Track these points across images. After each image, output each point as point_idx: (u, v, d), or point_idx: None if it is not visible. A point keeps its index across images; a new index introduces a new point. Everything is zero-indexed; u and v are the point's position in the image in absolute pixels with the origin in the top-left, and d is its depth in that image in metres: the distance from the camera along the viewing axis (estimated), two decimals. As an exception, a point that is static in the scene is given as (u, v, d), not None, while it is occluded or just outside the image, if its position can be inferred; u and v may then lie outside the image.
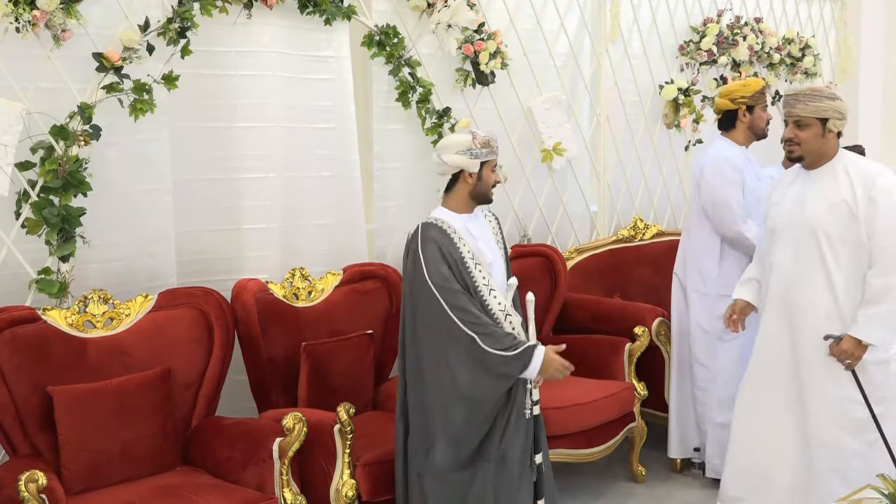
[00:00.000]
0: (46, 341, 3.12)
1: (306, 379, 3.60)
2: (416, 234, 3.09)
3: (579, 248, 5.08)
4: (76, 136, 3.24)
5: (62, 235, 3.24)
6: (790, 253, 3.35)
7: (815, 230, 3.27)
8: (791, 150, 3.35)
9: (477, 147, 3.09)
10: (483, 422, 3.02)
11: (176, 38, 3.46)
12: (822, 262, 3.27)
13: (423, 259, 3.01)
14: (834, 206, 3.25)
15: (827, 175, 3.31)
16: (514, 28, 4.75)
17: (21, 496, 2.63)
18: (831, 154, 3.33)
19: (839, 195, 3.25)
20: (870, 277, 3.20)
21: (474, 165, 3.09)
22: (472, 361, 2.96)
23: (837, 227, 3.24)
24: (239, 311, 3.56)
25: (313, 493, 3.23)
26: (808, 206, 3.31)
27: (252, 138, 3.83)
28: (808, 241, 3.29)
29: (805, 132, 3.29)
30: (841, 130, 3.33)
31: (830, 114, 3.26)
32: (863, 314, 3.21)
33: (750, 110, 4.16)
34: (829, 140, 3.30)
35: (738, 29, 5.93)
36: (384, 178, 4.33)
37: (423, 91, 4.27)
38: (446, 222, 3.09)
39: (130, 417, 3.13)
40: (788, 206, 3.39)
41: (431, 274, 2.99)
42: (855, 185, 3.24)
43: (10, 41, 3.11)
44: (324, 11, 3.90)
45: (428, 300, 2.99)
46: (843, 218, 3.23)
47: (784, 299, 3.37)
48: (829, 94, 3.30)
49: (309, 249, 4.03)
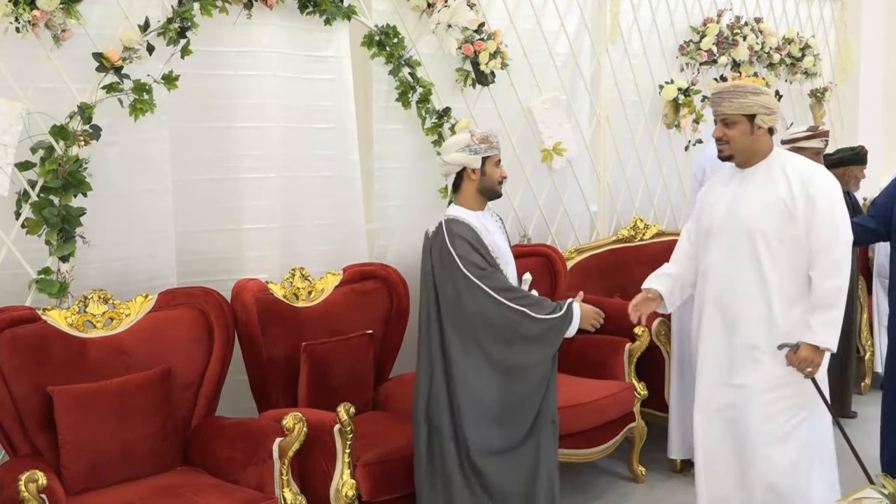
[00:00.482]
0: (46, 341, 3.12)
1: (306, 379, 3.60)
2: (441, 231, 3.15)
3: (579, 248, 5.08)
4: (76, 136, 3.24)
5: (62, 235, 3.24)
6: (725, 255, 3.21)
7: (751, 231, 3.13)
8: (721, 150, 3.24)
9: (475, 143, 3.18)
10: (535, 391, 3.14)
11: (176, 38, 3.46)
12: (757, 263, 3.13)
13: (454, 255, 3.08)
14: (770, 205, 3.12)
15: (762, 174, 3.19)
16: (514, 28, 4.75)
17: (21, 496, 2.62)
18: (765, 152, 3.21)
19: (776, 194, 3.13)
20: (817, 279, 3.07)
21: (475, 161, 3.19)
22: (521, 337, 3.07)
23: (774, 227, 3.11)
24: (239, 311, 3.56)
25: (313, 493, 3.23)
26: (743, 207, 3.18)
27: (252, 138, 3.83)
28: (744, 243, 3.15)
29: (733, 130, 3.17)
30: (773, 127, 3.21)
31: (757, 109, 3.14)
32: (817, 319, 3.06)
33: None
34: (760, 137, 3.18)
35: (738, 29, 5.93)
36: (384, 178, 4.33)
37: (423, 91, 4.27)
38: (466, 219, 3.17)
39: (130, 417, 3.13)
40: (724, 208, 3.24)
41: (468, 266, 3.07)
42: (792, 184, 3.11)
43: (10, 41, 3.11)
44: (324, 11, 3.90)
45: (468, 292, 3.06)
46: (780, 217, 3.10)
47: (719, 303, 3.23)
48: (753, 90, 3.18)
49: (309, 249, 4.03)
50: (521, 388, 3.14)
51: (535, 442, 3.18)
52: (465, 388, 3.11)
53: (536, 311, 3.08)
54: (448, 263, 3.09)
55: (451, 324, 3.12)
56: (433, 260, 3.16)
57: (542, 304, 3.12)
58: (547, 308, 3.11)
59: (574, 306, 3.15)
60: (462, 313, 3.09)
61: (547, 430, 3.21)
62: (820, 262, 3.07)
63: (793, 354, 3.08)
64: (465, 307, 3.08)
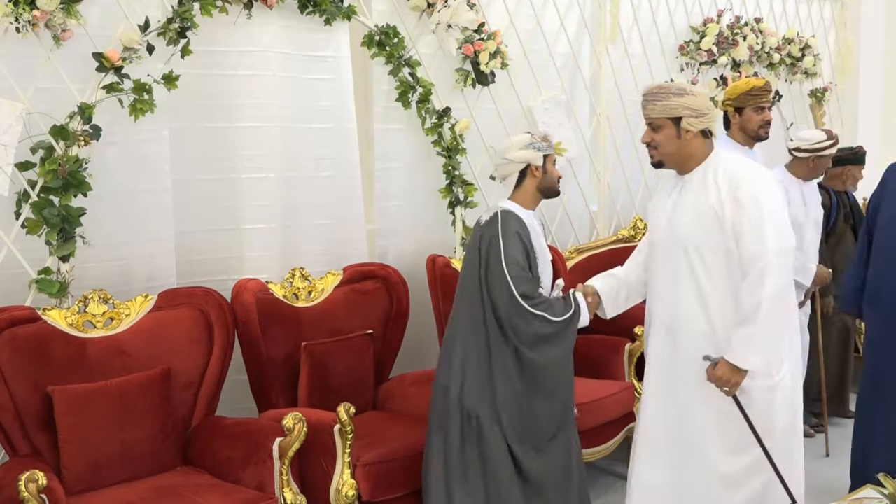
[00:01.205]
0: (46, 341, 3.12)
1: (306, 379, 3.60)
2: (496, 221, 3.20)
3: (579, 248, 5.08)
4: (76, 136, 3.24)
5: (62, 235, 3.24)
6: (663, 272, 3.04)
7: (684, 245, 2.94)
8: (650, 155, 3.06)
9: (538, 140, 3.28)
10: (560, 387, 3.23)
11: (176, 38, 3.46)
12: (695, 278, 2.92)
13: (501, 247, 3.13)
14: (701, 215, 2.91)
15: (697, 181, 2.96)
16: (514, 28, 4.74)
17: (21, 496, 2.62)
18: (700, 156, 2.98)
19: (707, 202, 2.90)
20: (741, 292, 2.83)
21: (539, 158, 3.27)
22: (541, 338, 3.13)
23: (707, 239, 2.89)
24: (239, 311, 3.56)
25: (313, 493, 3.23)
26: (679, 219, 2.98)
27: (252, 138, 3.83)
28: (680, 258, 2.95)
29: (659, 134, 2.97)
30: (707, 129, 2.96)
31: (682, 112, 2.91)
32: (736, 336, 2.82)
33: (739, 112, 4.16)
34: (691, 141, 2.95)
35: (738, 29, 5.93)
36: (385, 178, 4.33)
37: (423, 91, 4.27)
38: (521, 216, 3.24)
39: (130, 417, 3.13)
40: (665, 220, 3.05)
41: (508, 261, 3.12)
42: (721, 189, 2.89)
43: (10, 41, 3.11)
44: (324, 11, 3.90)
45: (499, 290, 3.11)
46: (711, 226, 2.88)
47: (664, 323, 3.03)
48: (677, 91, 2.95)
49: (309, 249, 4.03)
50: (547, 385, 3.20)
51: (565, 435, 3.25)
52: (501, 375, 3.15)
53: (553, 313, 3.14)
54: (494, 253, 3.14)
55: (492, 313, 3.16)
56: (482, 246, 3.19)
57: (557, 305, 3.18)
58: (563, 309, 3.17)
59: (578, 296, 3.22)
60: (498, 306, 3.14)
61: (572, 427, 3.31)
62: (747, 274, 2.83)
63: (711, 370, 2.86)
64: (498, 302, 3.13)
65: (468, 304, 3.21)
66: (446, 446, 3.19)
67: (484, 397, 3.15)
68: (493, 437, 3.14)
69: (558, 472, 3.23)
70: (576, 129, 5.09)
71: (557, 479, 3.23)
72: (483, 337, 3.17)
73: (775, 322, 2.87)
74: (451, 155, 4.38)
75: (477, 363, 3.17)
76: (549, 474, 3.21)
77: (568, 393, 3.29)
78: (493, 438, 3.14)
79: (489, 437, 3.14)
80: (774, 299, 2.82)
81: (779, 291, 2.84)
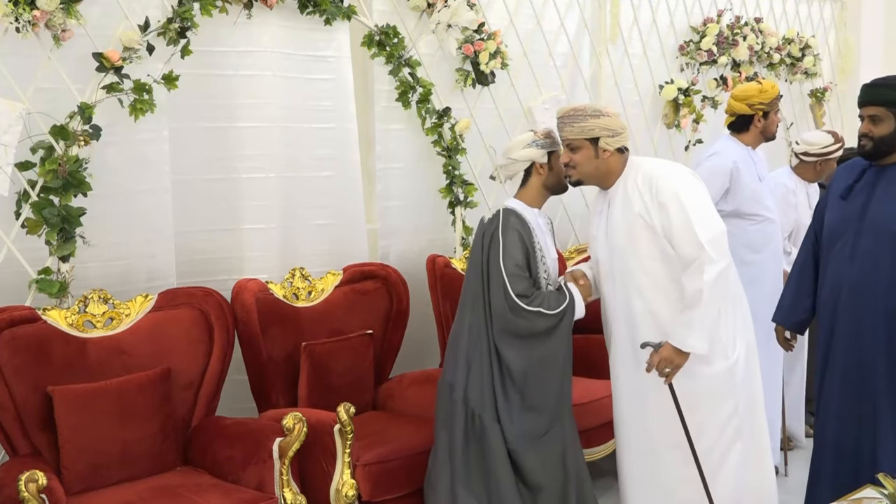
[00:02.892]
0: (46, 341, 3.12)
1: (306, 379, 3.60)
2: (497, 219, 3.22)
3: (579, 248, 5.08)
4: (76, 136, 3.24)
5: (62, 235, 3.24)
6: (612, 288, 3.15)
7: (623, 257, 3.06)
8: (568, 175, 3.17)
9: (541, 138, 3.27)
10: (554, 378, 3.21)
11: (176, 38, 3.46)
12: (640, 288, 3.05)
13: (501, 245, 3.14)
14: (631, 225, 3.03)
15: (620, 194, 3.09)
16: (514, 28, 4.75)
17: (21, 496, 2.62)
18: (618, 170, 3.12)
19: (633, 210, 3.03)
20: (684, 281, 2.96)
21: (543, 156, 3.26)
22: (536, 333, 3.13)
23: (642, 247, 3.02)
24: (239, 311, 3.56)
25: (313, 493, 3.23)
26: (611, 233, 3.10)
27: (252, 138, 3.83)
28: (622, 270, 3.08)
29: (578, 155, 3.09)
30: (623, 146, 3.09)
31: (599, 132, 3.04)
32: (679, 321, 2.96)
33: (765, 116, 4.15)
34: (608, 160, 3.09)
35: (738, 29, 5.94)
36: (386, 179, 4.33)
37: (423, 91, 4.27)
38: (523, 215, 3.23)
39: (130, 417, 3.13)
40: (602, 239, 3.17)
41: (507, 259, 3.13)
42: (643, 195, 3.01)
43: (10, 41, 3.11)
44: (324, 11, 3.90)
45: (496, 288, 3.12)
46: (642, 234, 3.01)
47: (622, 336, 3.14)
48: (592, 112, 3.06)
49: (309, 249, 4.03)
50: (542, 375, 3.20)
51: (559, 430, 3.24)
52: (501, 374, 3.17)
53: (548, 306, 3.14)
54: (494, 251, 3.16)
55: (493, 308, 3.18)
56: (484, 244, 3.21)
57: (552, 297, 3.17)
58: (558, 301, 3.17)
59: (572, 287, 3.23)
60: (493, 304, 3.16)
61: (569, 418, 3.29)
62: (686, 267, 2.96)
63: (654, 354, 2.97)
64: (493, 300, 3.15)
65: (472, 300, 3.22)
66: (451, 445, 3.20)
67: (486, 396, 3.16)
68: (494, 437, 3.15)
69: (552, 467, 3.22)
70: (576, 129, 5.09)
71: (551, 475, 3.22)
72: (486, 334, 3.18)
73: (717, 304, 2.98)
74: (451, 155, 4.38)
75: (479, 361, 3.18)
76: (542, 470, 3.20)
77: (562, 388, 3.26)
78: (494, 438, 3.15)
79: (491, 436, 3.15)
80: (714, 284, 2.93)
81: (717, 276, 2.94)
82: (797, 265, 3.50)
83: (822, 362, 3.29)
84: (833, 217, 3.29)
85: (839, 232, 3.23)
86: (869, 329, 3.11)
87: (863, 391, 3.14)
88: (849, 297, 3.15)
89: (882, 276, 3.08)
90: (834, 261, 3.23)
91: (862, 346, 3.13)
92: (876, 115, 3.12)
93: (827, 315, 3.26)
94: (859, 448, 3.15)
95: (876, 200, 3.15)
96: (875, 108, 3.12)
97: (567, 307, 3.17)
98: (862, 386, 3.14)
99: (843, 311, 3.17)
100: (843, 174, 3.34)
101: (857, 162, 3.32)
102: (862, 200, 3.19)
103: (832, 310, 3.22)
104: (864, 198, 3.19)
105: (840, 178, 3.34)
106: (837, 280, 3.20)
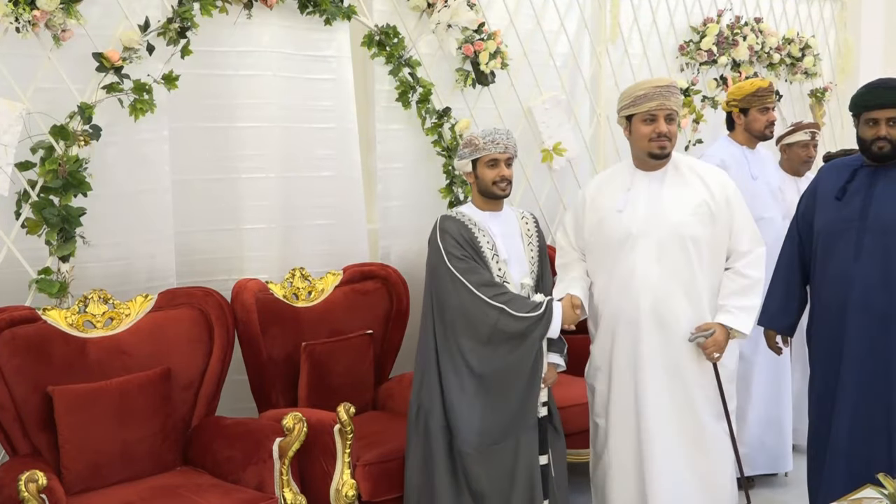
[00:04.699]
0: (46, 341, 3.12)
1: (306, 379, 3.60)
2: (435, 226, 3.23)
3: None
4: (76, 136, 3.25)
5: (62, 235, 3.24)
6: (653, 264, 3.13)
7: (682, 236, 3.10)
8: (663, 147, 3.13)
9: (462, 149, 3.28)
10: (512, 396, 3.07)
11: (176, 38, 3.46)
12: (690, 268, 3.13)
13: (441, 248, 3.14)
14: (696, 208, 3.13)
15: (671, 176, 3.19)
16: (514, 28, 4.74)
17: (21, 496, 2.62)
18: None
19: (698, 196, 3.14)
20: (746, 270, 3.14)
21: (466, 165, 3.27)
22: (500, 334, 3.04)
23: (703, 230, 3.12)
24: (239, 311, 3.56)
25: (313, 493, 3.23)
26: (670, 212, 3.13)
27: (252, 138, 3.83)
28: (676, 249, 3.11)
29: (673, 126, 3.14)
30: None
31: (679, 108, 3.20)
32: (740, 305, 3.12)
33: (744, 112, 4.17)
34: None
35: (738, 29, 5.93)
36: (387, 179, 4.33)
37: (423, 91, 4.27)
38: (466, 215, 3.24)
39: (130, 417, 3.13)
40: (642, 213, 3.15)
41: (451, 259, 3.10)
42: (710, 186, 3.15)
43: (10, 41, 3.11)
44: (324, 11, 3.90)
45: (451, 285, 3.09)
46: (705, 220, 3.13)
47: (655, 313, 3.12)
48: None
49: (309, 249, 4.03)
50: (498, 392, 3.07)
51: (513, 443, 3.09)
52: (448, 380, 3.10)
53: (515, 308, 3.03)
54: (436, 257, 3.16)
55: (439, 318, 3.14)
56: (429, 253, 3.22)
57: (522, 301, 3.07)
58: (527, 306, 3.05)
59: (554, 305, 3.10)
60: (447, 308, 3.11)
61: (528, 435, 3.11)
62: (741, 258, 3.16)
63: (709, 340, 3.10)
64: (448, 301, 3.10)
65: (425, 311, 3.21)
66: (409, 448, 3.23)
67: (434, 398, 3.13)
68: (437, 439, 3.11)
69: (499, 478, 3.08)
70: (576, 129, 5.09)
71: (498, 486, 3.08)
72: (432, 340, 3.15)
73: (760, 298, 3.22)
74: (451, 155, 4.38)
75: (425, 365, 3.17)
76: (489, 480, 3.07)
77: (526, 398, 3.09)
78: (437, 440, 3.11)
79: (434, 438, 3.12)
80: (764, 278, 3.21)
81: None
82: (781, 268, 3.50)
83: (828, 363, 3.27)
84: (828, 218, 3.28)
85: (838, 232, 3.22)
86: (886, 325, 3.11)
87: (882, 391, 3.13)
88: (861, 294, 3.15)
89: (894, 272, 3.10)
90: (835, 261, 3.23)
91: (881, 343, 3.13)
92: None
93: (832, 314, 3.25)
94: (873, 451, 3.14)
95: (877, 199, 3.15)
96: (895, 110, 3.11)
97: (535, 318, 3.03)
98: (882, 385, 3.13)
99: (854, 309, 3.16)
100: (831, 176, 3.33)
101: (842, 163, 3.33)
102: (861, 200, 3.19)
103: (839, 308, 3.21)
104: (863, 197, 3.19)
105: (828, 180, 3.33)
106: (843, 279, 3.19)
